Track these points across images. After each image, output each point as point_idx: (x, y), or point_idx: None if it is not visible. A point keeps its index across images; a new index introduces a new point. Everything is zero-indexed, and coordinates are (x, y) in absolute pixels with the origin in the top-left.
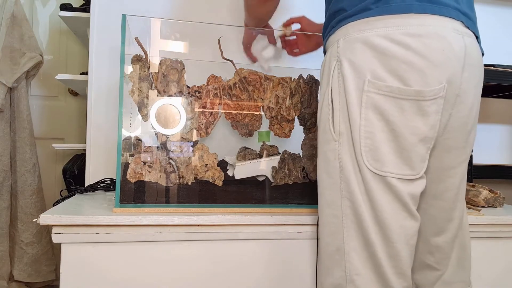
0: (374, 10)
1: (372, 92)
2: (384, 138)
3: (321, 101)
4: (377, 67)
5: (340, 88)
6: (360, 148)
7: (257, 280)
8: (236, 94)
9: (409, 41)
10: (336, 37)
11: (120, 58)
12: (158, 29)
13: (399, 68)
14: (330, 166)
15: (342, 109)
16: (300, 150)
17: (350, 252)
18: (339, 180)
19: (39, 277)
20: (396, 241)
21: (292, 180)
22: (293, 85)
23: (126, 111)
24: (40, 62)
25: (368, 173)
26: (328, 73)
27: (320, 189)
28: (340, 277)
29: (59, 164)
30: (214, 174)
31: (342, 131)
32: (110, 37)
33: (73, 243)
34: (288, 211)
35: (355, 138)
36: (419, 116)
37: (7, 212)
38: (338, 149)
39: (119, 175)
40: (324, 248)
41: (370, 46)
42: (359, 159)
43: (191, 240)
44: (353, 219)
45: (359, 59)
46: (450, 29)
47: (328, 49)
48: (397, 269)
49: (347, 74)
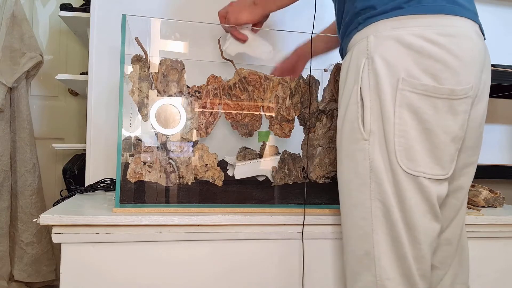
0: (407, 9)
1: (407, 90)
2: (417, 137)
3: (346, 99)
4: (412, 65)
5: (371, 85)
6: (394, 148)
7: (257, 280)
8: (236, 94)
9: (443, 40)
10: (365, 34)
11: (120, 58)
12: (158, 29)
13: (433, 67)
14: (358, 166)
15: (374, 107)
16: (300, 150)
17: (380, 256)
18: (369, 180)
19: (39, 277)
20: (423, 243)
21: (292, 180)
22: (293, 85)
23: (126, 111)
24: (40, 62)
25: (402, 174)
26: (356, 70)
27: (346, 190)
28: (370, 282)
29: (59, 164)
30: (214, 174)
31: (373, 130)
32: (110, 37)
33: (73, 243)
34: (288, 211)
35: (388, 137)
36: (450, 115)
37: (7, 212)
38: (369, 149)
39: (119, 175)
40: (352, 252)
41: (404, 45)
42: (392, 159)
43: (191, 240)
44: (384, 221)
45: (393, 57)
46: (473, 31)
47: (355, 45)
48: (421, 271)
49: (381, 72)
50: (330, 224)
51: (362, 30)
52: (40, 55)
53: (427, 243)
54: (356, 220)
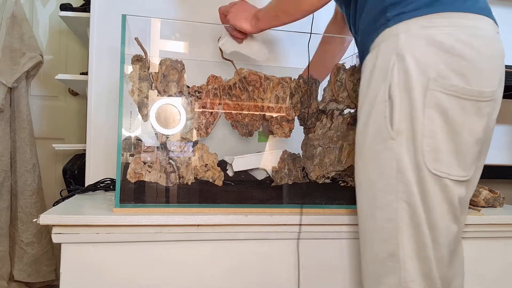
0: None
1: (437, 90)
2: (444, 138)
3: (372, 97)
4: (442, 65)
5: (401, 84)
6: (422, 148)
7: (257, 280)
8: (236, 94)
9: (473, 41)
10: (396, 31)
11: (120, 58)
12: (158, 29)
13: (463, 68)
14: (385, 166)
15: (404, 106)
16: (300, 150)
17: (405, 258)
18: (395, 181)
19: (39, 277)
20: (443, 244)
21: (292, 180)
22: (293, 85)
23: (126, 111)
24: (40, 62)
25: (428, 175)
26: (385, 67)
27: (368, 191)
28: (394, 285)
29: (59, 164)
30: (214, 174)
31: (401, 129)
32: (110, 37)
33: (73, 243)
34: (289, 211)
35: (416, 138)
36: (476, 117)
37: (7, 212)
38: (396, 149)
39: (119, 175)
40: (374, 254)
41: (435, 44)
42: (419, 160)
43: (191, 240)
44: (410, 223)
45: (423, 56)
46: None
47: (382, 43)
48: (441, 273)
49: (412, 71)
50: (330, 224)
51: (392, 27)
52: (40, 55)
53: (446, 244)
54: (381, 222)
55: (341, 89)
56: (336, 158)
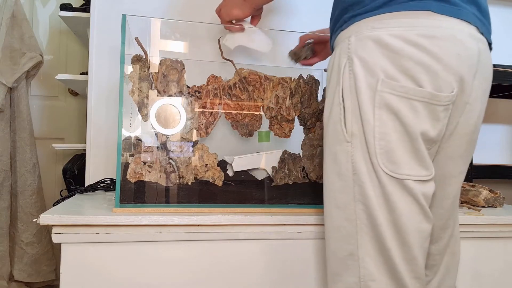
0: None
1: (386, 92)
2: (398, 139)
3: (331, 100)
4: (390, 67)
5: (351, 87)
6: (374, 150)
7: (257, 280)
8: (236, 94)
9: (424, 42)
10: (348, 34)
11: (120, 58)
12: (158, 29)
13: (413, 69)
14: (341, 168)
15: (354, 109)
16: (300, 150)
17: (364, 257)
18: (352, 183)
19: (39, 277)
20: (413, 245)
21: (292, 180)
22: (293, 85)
23: (126, 111)
24: (40, 62)
25: (384, 176)
26: (337, 71)
27: (329, 192)
28: (354, 283)
29: (59, 164)
30: (214, 174)
31: (354, 132)
32: (110, 37)
33: (73, 243)
34: (288, 211)
35: (368, 140)
36: (430, 120)
37: (7, 212)
38: (351, 151)
39: (119, 175)
40: (335, 253)
41: (383, 45)
42: (374, 162)
43: (191, 240)
44: (367, 223)
45: (371, 58)
46: (466, 33)
47: (338, 45)
48: (414, 273)
49: (359, 73)
50: None
51: (346, 30)
52: (40, 55)
53: (417, 244)
54: (340, 221)
55: None
56: None
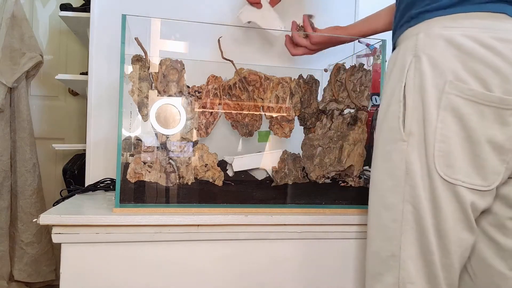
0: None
1: (453, 94)
2: (459, 144)
3: (389, 97)
4: (460, 68)
5: (415, 85)
6: (433, 152)
7: (257, 280)
8: (236, 94)
9: (497, 45)
10: (416, 31)
11: (120, 58)
12: (158, 29)
13: (483, 72)
14: (393, 167)
15: (416, 108)
16: (300, 150)
17: (406, 259)
18: (403, 183)
19: (39, 277)
20: (453, 252)
21: (292, 180)
22: (293, 85)
23: (126, 111)
24: (40, 62)
25: (438, 179)
26: (401, 68)
27: (377, 191)
28: (393, 284)
29: (59, 164)
30: (214, 174)
31: (413, 131)
32: (110, 37)
33: (73, 243)
34: (288, 211)
35: (428, 141)
36: (498, 125)
37: (7, 212)
38: (407, 150)
39: (119, 175)
40: (377, 252)
41: (455, 46)
42: (430, 164)
43: (191, 240)
44: (414, 226)
45: (441, 57)
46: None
47: (403, 42)
48: (449, 280)
49: (426, 72)
50: (330, 224)
51: (414, 26)
52: (40, 55)
53: (458, 253)
54: (386, 222)
55: (341, 89)
56: (336, 158)
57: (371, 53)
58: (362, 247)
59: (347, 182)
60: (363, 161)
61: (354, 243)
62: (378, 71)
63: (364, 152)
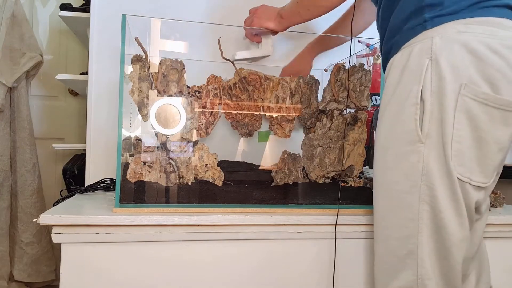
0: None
1: (467, 96)
2: (469, 144)
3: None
4: (474, 72)
5: (433, 88)
6: (450, 153)
7: (257, 280)
8: (236, 94)
9: (505, 52)
10: (432, 34)
11: (120, 58)
12: (158, 29)
13: (494, 77)
14: (409, 168)
15: (435, 110)
16: (300, 150)
17: (424, 257)
18: (420, 183)
19: (39, 277)
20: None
21: (292, 180)
22: (293, 85)
23: (126, 111)
24: (40, 62)
25: (455, 179)
26: (416, 70)
27: (391, 191)
28: (411, 281)
29: (59, 164)
30: (214, 174)
31: (431, 133)
32: (110, 37)
33: (73, 243)
34: (288, 211)
35: (446, 142)
36: (503, 126)
37: (7, 212)
38: (424, 152)
39: (119, 175)
40: (392, 250)
41: (470, 51)
42: (449, 164)
43: (191, 240)
44: (430, 224)
45: (458, 62)
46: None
47: (416, 44)
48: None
49: (446, 76)
50: (330, 224)
51: (429, 30)
52: (40, 55)
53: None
54: (402, 221)
55: (341, 89)
56: (336, 158)
57: (371, 53)
58: (362, 247)
59: (347, 182)
60: (363, 161)
61: (354, 243)
62: (378, 71)
63: (364, 152)
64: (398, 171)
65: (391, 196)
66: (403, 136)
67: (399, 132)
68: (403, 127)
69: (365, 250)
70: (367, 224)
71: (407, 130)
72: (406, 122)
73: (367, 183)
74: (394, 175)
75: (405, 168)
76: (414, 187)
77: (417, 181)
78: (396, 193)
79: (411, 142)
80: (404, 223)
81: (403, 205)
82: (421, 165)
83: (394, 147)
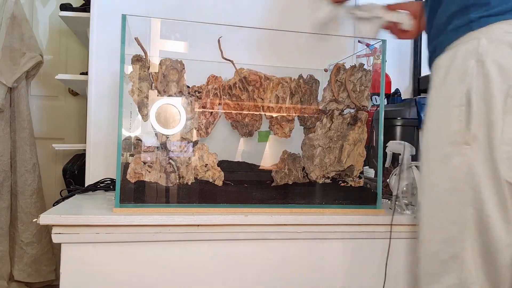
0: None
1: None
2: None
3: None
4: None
5: (479, 89)
6: (499, 155)
7: (257, 280)
8: (236, 94)
9: None
10: (478, 35)
11: (120, 58)
12: (158, 29)
13: None
14: (453, 170)
15: (482, 112)
16: (300, 150)
17: (469, 261)
18: (463, 185)
19: (39, 277)
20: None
21: (292, 180)
22: (293, 85)
23: (126, 111)
24: (40, 62)
25: (504, 183)
26: (462, 71)
27: (433, 193)
28: (454, 285)
29: (59, 164)
30: (214, 174)
31: (477, 135)
32: (110, 37)
33: (73, 243)
34: (288, 211)
35: (494, 144)
36: None
37: (7, 212)
38: (469, 154)
39: (119, 175)
40: (435, 253)
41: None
42: (497, 167)
43: (191, 240)
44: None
45: (505, 62)
46: None
47: (461, 45)
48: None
49: (493, 77)
50: (330, 224)
51: (475, 30)
52: (40, 55)
53: None
54: (444, 223)
55: (341, 89)
56: (336, 158)
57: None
58: (362, 247)
59: (347, 182)
60: (363, 161)
61: (354, 243)
62: (378, 71)
63: (364, 152)
64: (440, 173)
65: (432, 197)
66: (446, 138)
67: (442, 133)
68: (447, 129)
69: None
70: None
71: (451, 131)
72: (450, 124)
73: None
74: (436, 176)
75: (448, 170)
76: (457, 190)
77: (460, 184)
78: (438, 195)
79: (456, 144)
80: (446, 225)
81: (445, 208)
82: (466, 168)
83: (437, 148)
